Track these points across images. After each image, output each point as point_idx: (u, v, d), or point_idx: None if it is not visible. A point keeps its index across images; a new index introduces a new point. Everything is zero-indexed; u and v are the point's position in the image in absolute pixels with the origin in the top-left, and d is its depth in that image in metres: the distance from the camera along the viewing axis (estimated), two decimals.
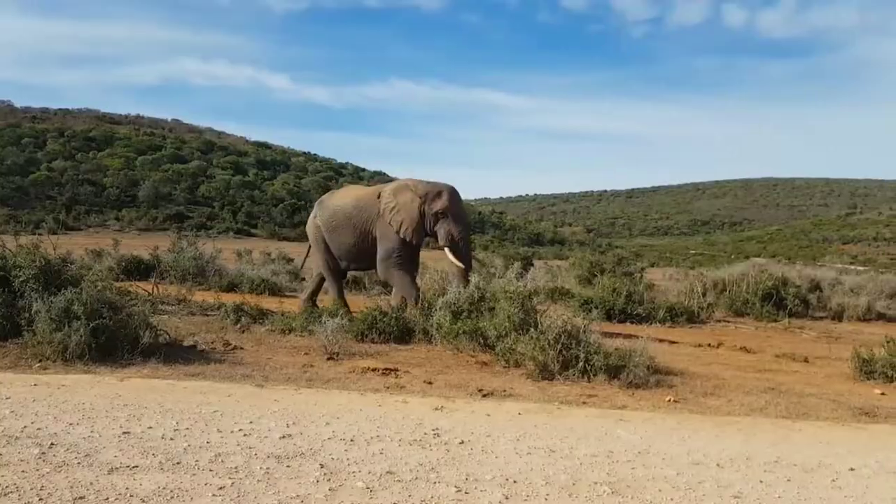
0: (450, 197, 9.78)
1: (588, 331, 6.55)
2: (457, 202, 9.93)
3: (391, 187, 10.12)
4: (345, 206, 10.23)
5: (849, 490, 3.61)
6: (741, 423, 5.04)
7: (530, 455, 3.91)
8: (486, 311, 7.74)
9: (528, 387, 5.90)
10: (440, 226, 9.64)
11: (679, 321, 11.99)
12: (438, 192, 9.80)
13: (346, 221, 10.08)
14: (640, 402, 5.59)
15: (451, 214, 9.66)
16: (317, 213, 10.58)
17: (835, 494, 3.54)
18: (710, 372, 7.01)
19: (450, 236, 9.57)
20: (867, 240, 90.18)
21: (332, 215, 10.24)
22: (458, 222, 9.73)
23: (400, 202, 9.73)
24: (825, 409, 5.60)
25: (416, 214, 9.65)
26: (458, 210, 9.88)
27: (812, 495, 3.51)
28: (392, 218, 9.65)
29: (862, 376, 6.92)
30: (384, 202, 9.80)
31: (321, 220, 10.36)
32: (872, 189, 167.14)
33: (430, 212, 9.68)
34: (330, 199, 10.70)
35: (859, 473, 3.91)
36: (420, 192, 9.78)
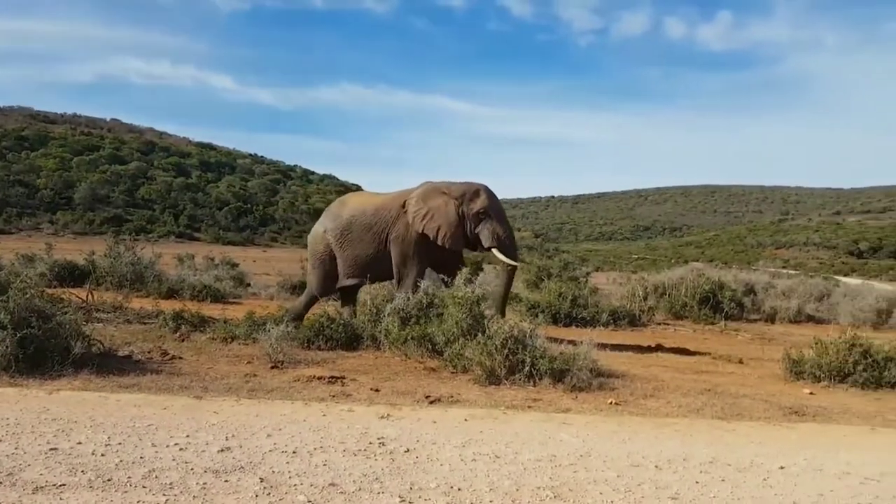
0: (488, 195, 9.23)
1: (534, 335, 6.64)
2: (496, 199, 9.38)
3: (418, 193, 9.32)
4: (364, 214, 9.41)
5: (779, 488, 3.75)
6: (679, 424, 5.18)
7: (475, 461, 3.93)
8: (434, 317, 7.75)
9: (475, 392, 5.93)
10: (483, 226, 9.04)
11: (622, 324, 12.26)
12: (476, 192, 9.21)
13: (365, 232, 9.31)
14: (584, 404, 5.68)
15: (494, 213, 9.13)
16: (326, 224, 9.72)
17: (766, 493, 3.67)
18: (650, 374, 7.18)
19: (496, 236, 9.00)
20: (798, 245, 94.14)
21: (348, 226, 9.40)
22: (502, 220, 9.19)
23: (432, 207, 9.06)
24: (758, 410, 5.81)
25: (454, 218, 9.04)
26: (499, 207, 9.36)
27: (745, 494, 3.63)
28: (426, 226, 8.96)
29: (792, 377, 7.20)
30: (413, 210, 9.08)
31: (332, 233, 9.50)
32: (803, 196, 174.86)
33: (470, 213, 9.07)
34: (342, 209, 9.77)
35: (788, 472, 4.07)
36: (455, 193, 9.17)
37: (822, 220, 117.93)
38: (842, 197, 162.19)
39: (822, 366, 7.02)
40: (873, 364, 6.88)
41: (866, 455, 4.53)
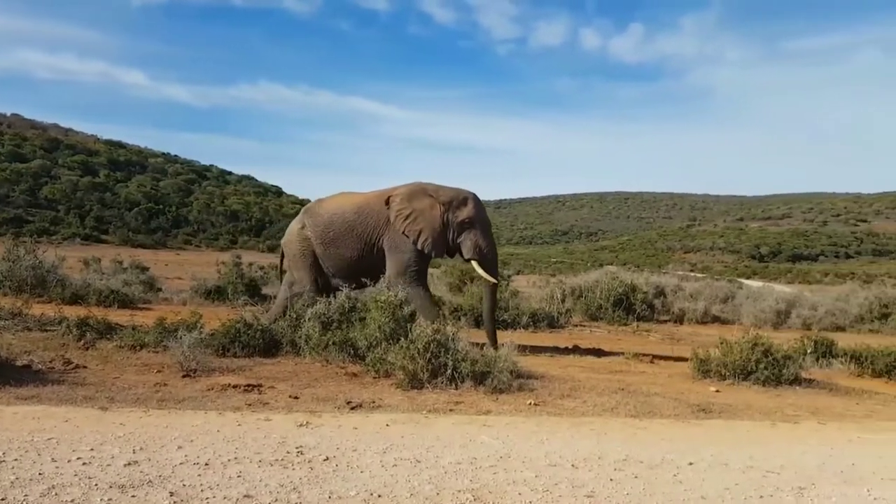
0: (475, 204, 8.93)
1: (457, 339, 6.68)
2: (483, 210, 9.09)
3: (404, 191, 8.98)
4: (344, 213, 9.06)
5: (688, 483, 3.92)
6: (594, 423, 5.33)
7: (396, 467, 3.91)
8: (356, 322, 7.67)
9: (398, 397, 5.91)
10: (466, 236, 8.75)
11: (541, 326, 12.54)
12: (464, 199, 8.91)
13: (348, 232, 8.95)
14: (504, 406, 5.76)
15: (479, 224, 8.83)
16: (305, 222, 9.35)
17: (676, 488, 3.82)
18: (567, 374, 7.36)
19: (478, 248, 8.73)
20: (705, 249, 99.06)
21: (328, 225, 9.05)
22: (486, 233, 8.91)
23: (417, 208, 8.74)
24: (668, 408, 6.05)
25: (438, 223, 8.72)
26: (485, 219, 9.06)
27: (656, 490, 3.77)
28: (407, 227, 8.66)
29: (699, 375, 7.55)
30: (396, 208, 8.76)
31: (312, 231, 9.16)
32: (710, 203, 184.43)
33: (455, 221, 8.76)
34: (322, 207, 9.42)
35: (697, 467, 4.25)
36: (442, 198, 8.84)
37: (726, 226, 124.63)
38: (745, 204, 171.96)
39: (726, 365, 7.38)
40: (773, 362, 7.30)
41: (768, 449, 4.79)
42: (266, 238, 62.21)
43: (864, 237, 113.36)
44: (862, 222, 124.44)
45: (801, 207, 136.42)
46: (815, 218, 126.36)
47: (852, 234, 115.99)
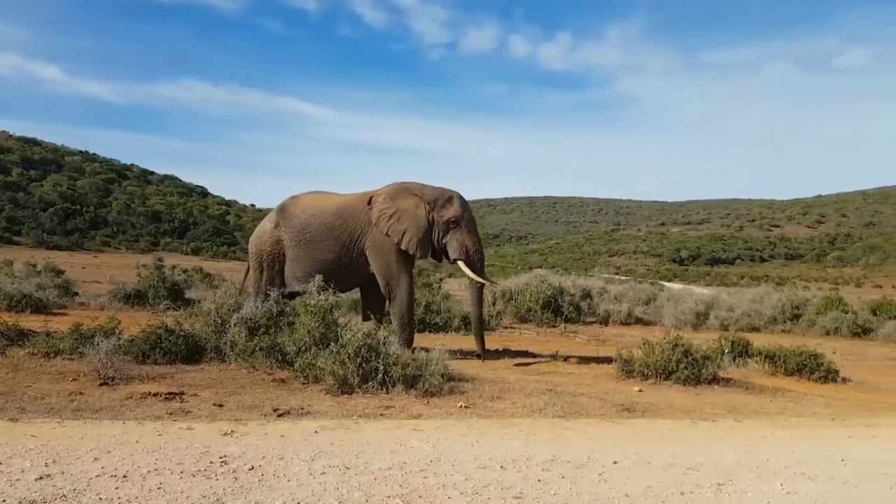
0: (461, 203, 8.75)
1: (388, 342, 6.65)
2: (468, 209, 8.88)
3: (387, 190, 8.71)
4: (324, 214, 8.69)
5: (613, 482, 4.02)
6: (523, 424, 5.41)
7: (324, 475, 3.85)
8: (285, 327, 7.52)
9: (327, 402, 5.83)
10: (452, 237, 8.57)
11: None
12: (449, 198, 8.71)
13: (326, 233, 8.58)
14: (435, 409, 5.77)
15: (465, 223, 8.65)
16: (279, 222, 8.88)
17: (601, 487, 3.92)
18: (497, 376, 7.44)
19: (464, 248, 8.55)
20: (629, 253, 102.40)
21: (306, 226, 8.65)
22: (472, 232, 8.72)
23: (401, 208, 8.50)
24: (594, 407, 6.21)
25: (423, 223, 8.50)
26: (471, 218, 8.85)
27: (582, 490, 3.85)
28: (391, 227, 8.39)
29: (623, 375, 7.77)
30: (379, 207, 8.48)
31: (288, 232, 8.72)
32: (633, 208, 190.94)
33: (441, 220, 8.55)
34: (298, 206, 8.94)
35: (621, 465, 4.37)
36: (427, 197, 8.62)
37: (649, 230, 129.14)
38: (666, 209, 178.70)
39: (649, 365, 7.63)
40: (693, 362, 7.59)
41: (688, 447, 4.98)
42: (190, 240, 60.32)
43: (777, 241, 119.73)
44: (775, 227, 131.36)
45: (718, 213, 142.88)
46: (732, 223, 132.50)
47: (766, 238, 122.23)
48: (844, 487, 4.16)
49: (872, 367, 10.55)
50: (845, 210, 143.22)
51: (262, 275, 8.93)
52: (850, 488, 4.15)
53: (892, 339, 15.08)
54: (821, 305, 17.38)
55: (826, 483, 4.23)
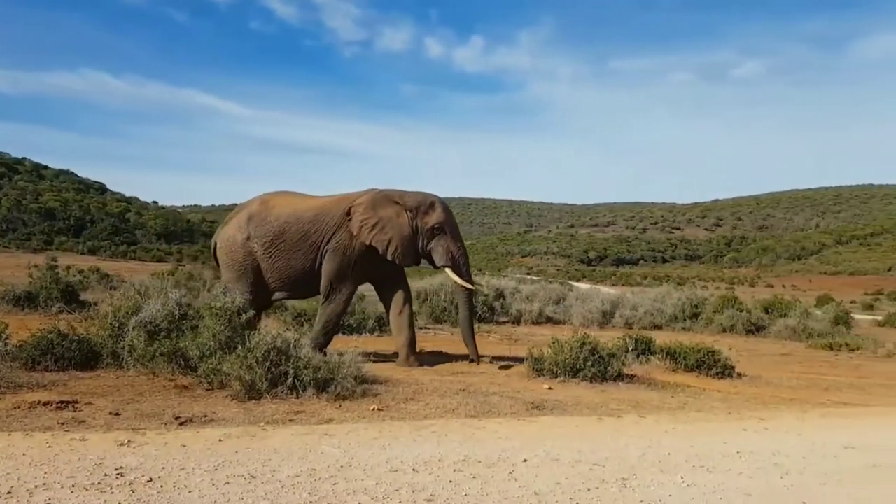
0: (444, 208, 8.61)
1: (299, 345, 6.48)
2: (451, 214, 8.75)
3: (366, 199, 8.42)
4: (300, 221, 8.31)
5: (522, 480, 4.08)
6: (436, 425, 5.41)
7: (228, 484, 3.70)
8: (188, 330, 7.20)
9: (233, 409, 5.62)
10: (437, 243, 8.45)
11: (387, 330, 12.51)
12: (431, 204, 8.54)
13: (302, 242, 8.23)
14: (347, 413, 5.68)
15: (449, 229, 8.52)
16: (248, 228, 8.41)
17: (511, 486, 3.96)
18: (411, 378, 7.42)
19: (450, 254, 8.44)
20: (540, 253, 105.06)
21: (280, 233, 8.27)
22: (457, 237, 8.62)
23: (383, 217, 8.29)
24: (505, 406, 6.29)
25: (407, 231, 8.33)
26: (454, 222, 8.74)
27: (492, 489, 3.88)
28: (374, 237, 8.16)
29: (534, 374, 7.92)
30: (360, 218, 8.22)
31: (259, 239, 8.29)
32: (545, 210, 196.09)
33: (425, 227, 8.41)
34: (271, 211, 8.49)
35: (531, 463, 4.44)
36: (409, 204, 8.44)
37: (559, 231, 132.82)
38: (575, 212, 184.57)
39: (558, 363, 7.81)
40: (599, 360, 7.82)
41: (595, 443, 5.12)
42: (87, 239, 57.11)
43: (677, 243, 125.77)
44: (676, 230, 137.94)
45: (624, 215, 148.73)
46: (637, 225, 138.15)
47: (668, 240, 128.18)
48: (739, 478, 4.39)
49: (765, 363, 11.23)
50: (740, 214, 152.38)
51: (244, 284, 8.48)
52: (745, 479, 4.38)
53: (782, 335, 16.13)
54: (718, 304, 18.34)
55: (723, 474, 4.45)
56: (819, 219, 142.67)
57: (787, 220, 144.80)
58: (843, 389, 8.80)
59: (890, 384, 9.45)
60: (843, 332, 16.49)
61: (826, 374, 10.21)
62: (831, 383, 9.26)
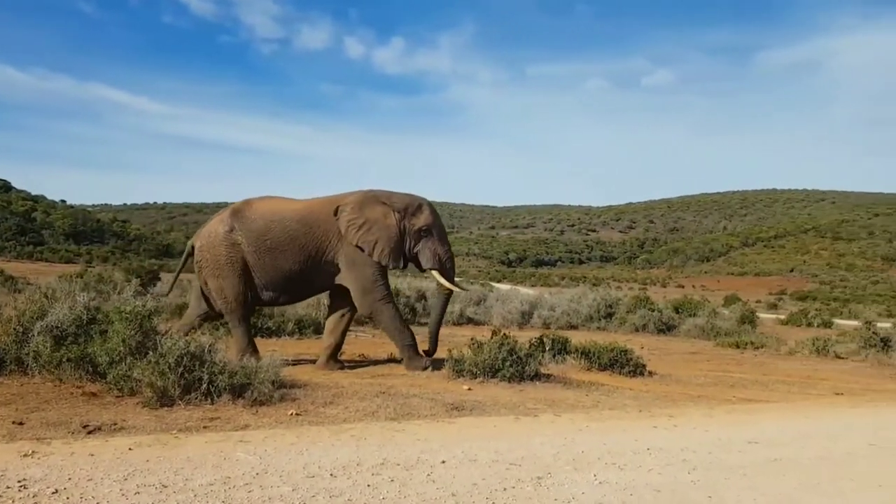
0: (431, 211, 8.56)
1: (213, 350, 6.34)
2: (438, 216, 8.68)
3: (354, 199, 8.35)
4: (286, 220, 8.16)
5: (440, 482, 4.15)
6: (355, 428, 5.41)
7: (139, 495, 3.60)
8: (97, 335, 6.89)
9: (144, 417, 5.44)
10: (424, 245, 8.44)
11: (307, 333, 12.39)
12: (419, 206, 8.50)
13: (289, 241, 8.07)
14: (263, 419, 5.60)
15: (436, 231, 8.48)
16: (234, 226, 8.19)
17: (429, 487, 4.03)
18: (331, 381, 7.38)
19: (437, 257, 8.45)
20: (462, 254, 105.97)
21: (266, 231, 8.09)
22: (444, 240, 8.60)
23: (370, 218, 8.22)
24: (425, 408, 6.36)
25: (394, 232, 8.26)
26: (441, 225, 8.67)
27: (411, 492, 3.93)
28: (361, 238, 8.09)
29: (454, 375, 8.02)
30: (347, 218, 8.14)
31: (246, 237, 8.10)
32: (466, 212, 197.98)
33: (412, 228, 8.37)
34: (257, 211, 8.30)
35: (449, 465, 4.52)
36: (397, 205, 8.38)
37: (480, 233, 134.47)
38: (496, 214, 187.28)
39: (477, 363, 7.95)
40: (518, 360, 8.02)
41: (511, 442, 5.25)
42: None
43: (593, 245, 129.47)
44: (592, 232, 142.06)
45: (542, 218, 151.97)
46: (554, 227, 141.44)
47: (584, 242, 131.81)
48: (649, 475, 4.61)
49: (674, 361, 11.78)
50: (652, 216, 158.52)
51: (233, 279, 8.20)
52: (654, 475, 4.61)
53: (692, 334, 16.97)
54: (631, 304, 19.10)
55: (633, 471, 4.66)
56: (726, 222, 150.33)
57: (696, 223, 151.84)
58: (748, 386, 9.33)
59: (791, 381, 10.08)
60: (749, 331, 17.50)
61: (732, 372, 10.80)
62: (737, 380, 9.79)
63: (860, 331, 14.79)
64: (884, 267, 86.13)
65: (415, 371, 8.36)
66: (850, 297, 55.51)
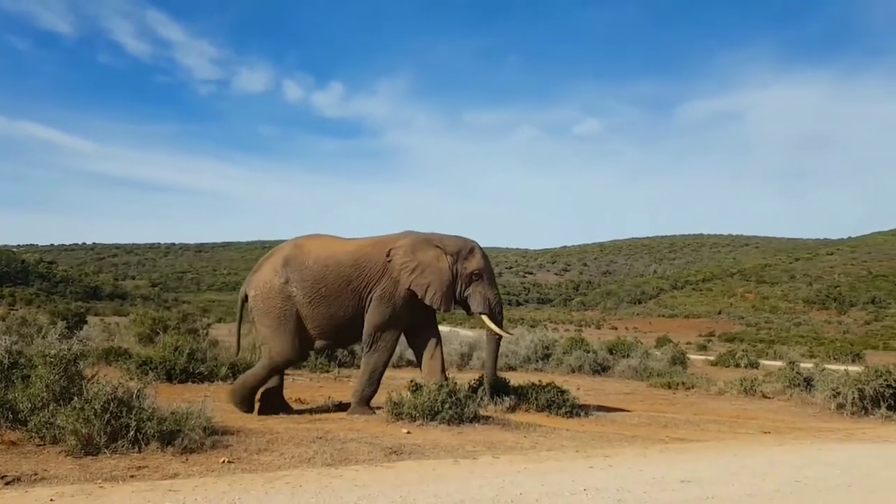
0: (482, 255, 8.48)
1: (143, 395, 6.11)
2: (488, 260, 8.59)
3: (406, 242, 8.24)
4: (341, 265, 7.94)
5: None
6: (290, 476, 5.28)
7: None
8: (18, 380, 6.54)
9: (67, 466, 5.18)
10: (474, 289, 8.38)
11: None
12: (471, 250, 8.43)
13: (344, 287, 7.91)
14: (194, 467, 5.41)
15: (486, 275, 8.42)
16: (285, 274, 7.95)
17: None
18: (265, 427, 7.19)
19: (487, 301, 8.41)
20: None
21: (321, 278, 7.88)
22: (493, 284, 8.54)
23: (423, 261, 8.14)
24: (363, 453, 6.26)
25: (447, 276, 8.19)
26: (491, 269, 8.62)
27: None
28: (414, 281, 8.00)
29: (393, 418, 7.95)
30: (400, 261, 8.03)
31: (300, 285, 7.87)
32: None
33: (464, 272, 8.30)
34: (311, 256, 8.05)
35: None
36: (450, 248, 8.31)
37: None
38: None
39: (417, 406, 7.90)
40: (457, 402, 8.01)
41: (451, 486, 5.22)
42: None
43: (530, 287, 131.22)
44: (529, 274, 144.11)
45: None
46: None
47: (521, 284, 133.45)
48: None
49: (610, 401, 11.97)
50: (586, 260, 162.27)
51: (285, 332, 8.05)
52: None
53: (626, 375, 17.31)
54: (567, 346, 19.40)
55: None
56: (656, 265, 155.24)
57: (627, 266, 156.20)
58: (680, 426, 9.55)
59: (721, 420, 10.38)
60: (680, 372, 18.00)
61: (665, 412, 11.06)
62: (669, 420, 10.02)
63: (785, 371, 15.40)
64: (805, 309, 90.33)
65: (354, 416, 8.25)
66: (774, 339, 57.92)
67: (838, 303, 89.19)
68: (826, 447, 8.03)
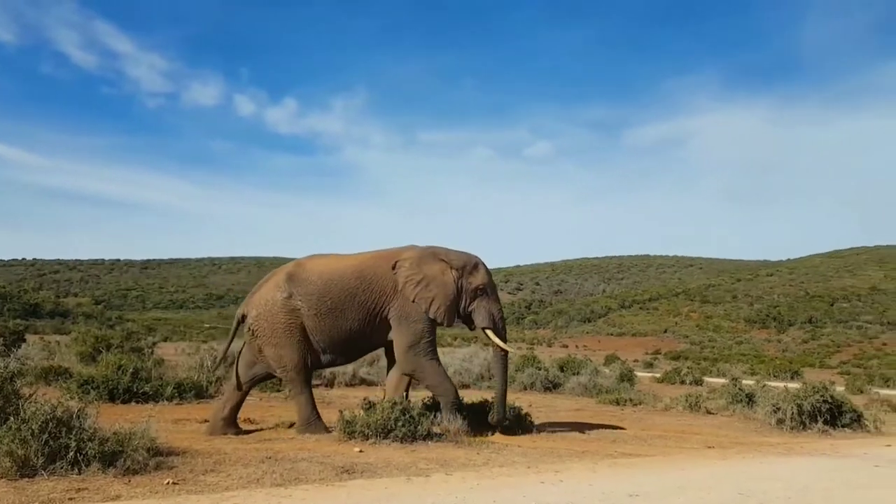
0: (486, 270, 8.42)
1: (83, 415, 5.89)
2: (491, 275, 8.52)
3: (412, 255, 8.16)
4: (344, 278, 7.88)
5: None
6: (237, 497, 5.16)
7: None
8: None
9: (2, 489, 4.96)
10: (479, 304, 8.34)
11: (188, 397, 11.77)
12: (476, 265, 8.38)
13: (349, 300, 7.84)
14: (136, 489, 5.23)
15: (490, 291, 8.36)
16: (289, 289, 7.89)
17: None
18: (212, 447, 7.02)
19: (491, 316, 8.36)
20: None
21: (326, 292, 7.81)
22: (496, 299, 8.49)
23: (429, 274, 8.07)
24: (314, 472, 6.16)
25: (451, 290, 8.11)
26: (494, 284, 8.53)
27: None
28: (419, 294, 7.93)
29: (345, 437, 7.86)
30: (405, 273, 7.97)
31: (305, 299, 7.80)
32: None
33: (469, 287, 8.25)
34: (314, 271, 8.01)
35: None
36: (455, 263, 8.25)
37: None
38: None
39: (370, 424, 7.83)
40: (410, 420, 7.97)
41: (403, 503, 5.18)
42: None
43: None
44: None
45: None
46: None
47: None
48: None
49: (561, 418, 12.07)
50: (538, 279, 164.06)
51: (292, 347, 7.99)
52: None
53: (576, 392, 17.50)
54: (519, 363, 19.52)
55: None
56: (605, 285, 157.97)
57: (578, 286, 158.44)
58: (629, 441, 9.69)
59: (667, 435, 10.57)
60: (628, 389, 18.27)
61: (613, 428, 11.20)
62: (618, 436, 10.16)
63: (728, 388, 15.81)
64: (746, 328, 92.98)
65: (305, 434, 8.13)
66: (717, 357, 59.45)
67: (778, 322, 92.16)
68: (767, 461, 8.26)
